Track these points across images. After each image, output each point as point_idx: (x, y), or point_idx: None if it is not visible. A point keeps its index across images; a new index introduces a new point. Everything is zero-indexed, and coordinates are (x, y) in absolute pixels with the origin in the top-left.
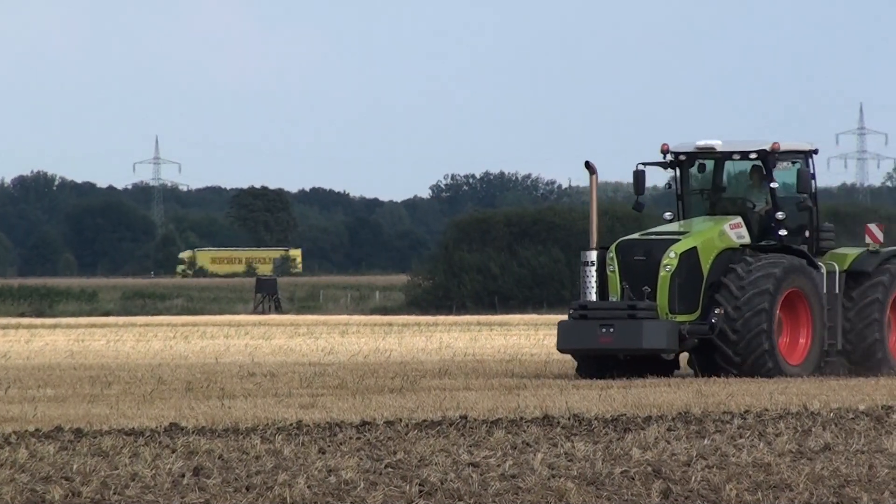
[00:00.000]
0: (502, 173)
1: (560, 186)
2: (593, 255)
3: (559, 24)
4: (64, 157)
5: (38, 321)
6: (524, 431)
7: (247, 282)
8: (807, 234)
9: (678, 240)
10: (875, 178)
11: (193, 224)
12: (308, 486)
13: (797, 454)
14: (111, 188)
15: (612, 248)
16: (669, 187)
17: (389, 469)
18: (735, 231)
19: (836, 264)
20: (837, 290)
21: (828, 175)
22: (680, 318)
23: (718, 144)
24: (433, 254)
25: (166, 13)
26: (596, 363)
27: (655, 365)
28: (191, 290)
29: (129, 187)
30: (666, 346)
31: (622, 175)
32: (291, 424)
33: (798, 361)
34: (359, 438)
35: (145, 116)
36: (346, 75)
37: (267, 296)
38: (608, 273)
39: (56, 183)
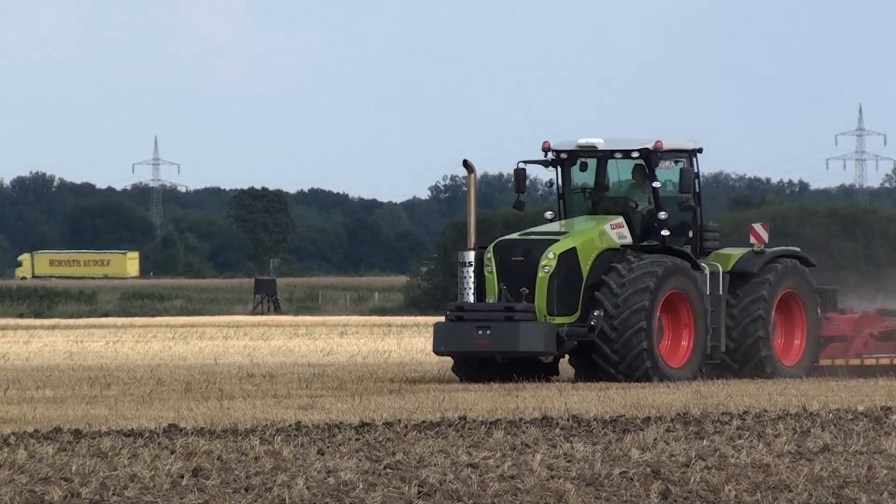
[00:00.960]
0: (501, 174)
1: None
2: (471, 256)
3: (558, 24)
4: (63, 158)
5: (36, 322)
6: (523, 432)
7: (246, 283)
8: (690, 234)
9: (557, 240)
10: (874, 179)
11: (192, 225)
12: (307, 487)
13: (796, 455)
14: (110, 189)
15: (490, 248)
16: (550, 186)
17: (388, 470)
18: (616, 231)
19: (720, 265)
20: (721, 292)
21: (827, 176)
22: (559, 319)
23: (600, 143)
24: (432, 254)
25: (165, 13)
26: (474, 365)
27: (535, 367)
28: (190, 291)
29: (128, 188)
30: (543, 349)
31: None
32: (290, 425)
33: (679, 364)
34: (358, 439)
35: (144, 117)
36: (346, 76)
37: (266, 297)
38: (486, 274)
39: (55, 184)
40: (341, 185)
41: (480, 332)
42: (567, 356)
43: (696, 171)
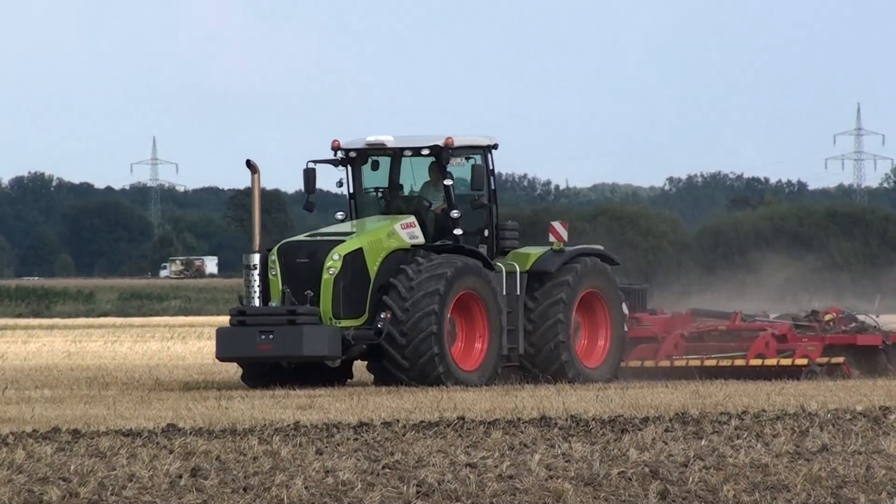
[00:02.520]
0: (499, 174)
1: (557, 187)
2: (255, 259)
3: (557, 25)
4: (61, 158)
5: (35, 322)
6: (521, 432)
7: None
8: (486, 233)
9: (344, 240)
10: (872, 179)
11: (191, 225)
12: (305, 487)
13: (795, 455)
14: (108, 189)
15: (274, 250)
16: (340, 185)
17: (387, 470)
18: (407, 231)
19: (517, 265)
20: (519, 292)
21: (825, 176)
22: (345, 322)
23: (390, 140)
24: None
25: (164, 13)
26: (261, 371)
27: (326, 373)
28: (188, 291)
29: (127, 188)
30: (328, 353)
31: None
32: (289, 425)
33: (473, 367)
34: (356, 439)
35: (143, 117)
36: (344, 76)
37: None
38: (270, 277)
39: (53, 183)
40: None
41: (263, 337)
42: (366, 362)
43: (490, 167)
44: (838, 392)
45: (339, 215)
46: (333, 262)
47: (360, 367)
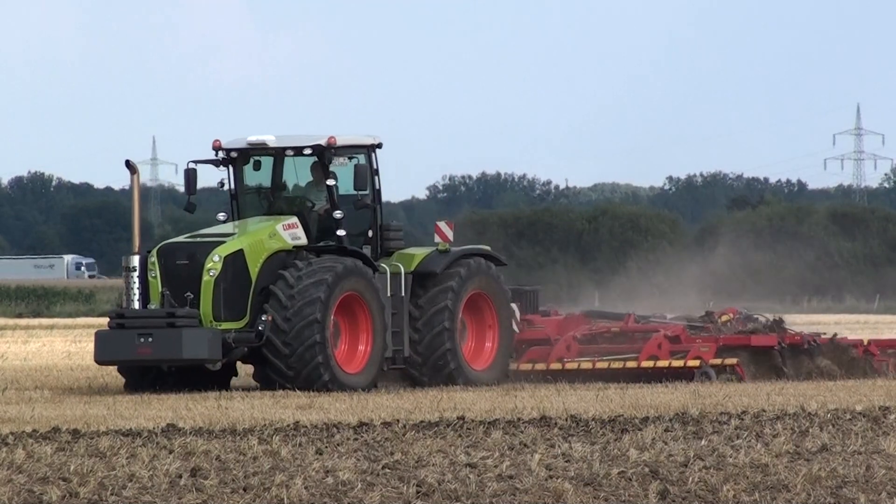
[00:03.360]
0: (499, 174)
1: (557, 187)
2: (135, 260)
3: (557, 24)
4: (61, 158)
5: (35, 322)
6: (521, 432)
7: None
8: (370, 234)
9: (224, 242)
10: (872, 179)
11: (190, 224)
12: (305, 487)
13: (794, 455)
14: (108, 189)
15: (154, 252)
16: (222, 187)
17: (387, 470)
18: (289, 232)
19: (401, 265)
20: (404, 293)
21: (825, 176)
22: (225, 325)
23: (271, 140)
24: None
25: (163, 13)
26: (141, 375)
27: (208, 377)
28: None
29: (127, 188)
30: (208, 356)
31: (623, 176)
32: (289, 425)
33: (356, 370)
34: (356, 439)
35: (142, 117)
36: (344, 76)
37: None
38: (150, 279)
39: (53, 183)
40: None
41: (142, 340)
42: (252, 370)
43: (374, 167)
44: (838, 392)
45: (221, 216)
46: (213, 264)
47: (245, 368)
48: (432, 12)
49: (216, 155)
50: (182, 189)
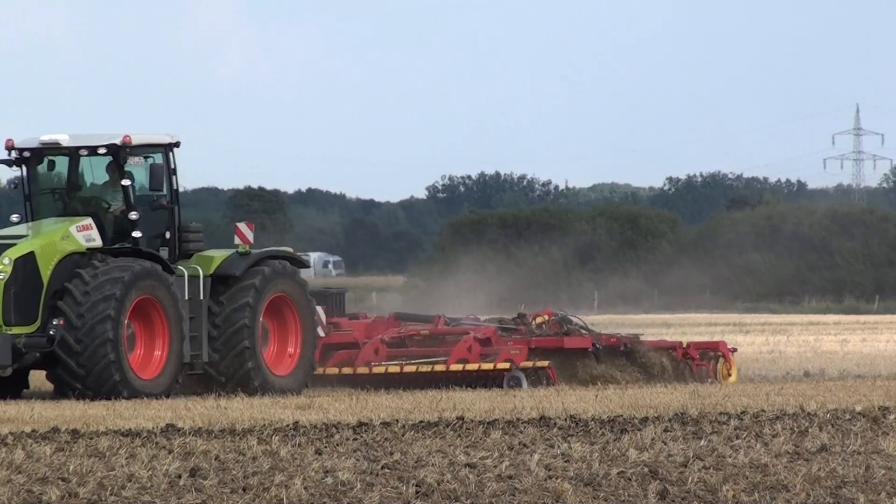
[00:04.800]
0: (498, 174)
1: (556, 187)
2: None
3: (556, 24)
4: None
5: None
6: (521, 432)
7: None
8: (168, 235)
9: (15, 244)
10: (872, 178)
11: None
12: (305, 487)
13: (794, 455)
14: None
15: None
16: (15, 187)
17: (386, 470)
18: (84, 234)
19: (200, 268)
20: (202, 297)
21: (824, 176)
22: (16, 330)
23: (65, 139)
24: (430, 255)
25: (163, 12)
26: None
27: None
28: None
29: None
30: None
31: (623, 176)
32: (288, 425)
33: (152, 375)
34: (355, 439)
35: (142, 117)
36: (343, 75)
37: None
38: None
39: None
40: (339, 184)
41: None
42: (45, 371)
43: (171, 166)
44: (837, 392)
45: (14, 217)
46: (3, 267)
47: (39, 375)
48: (431, 11)
49: (9, 154)
50: (181, 188)
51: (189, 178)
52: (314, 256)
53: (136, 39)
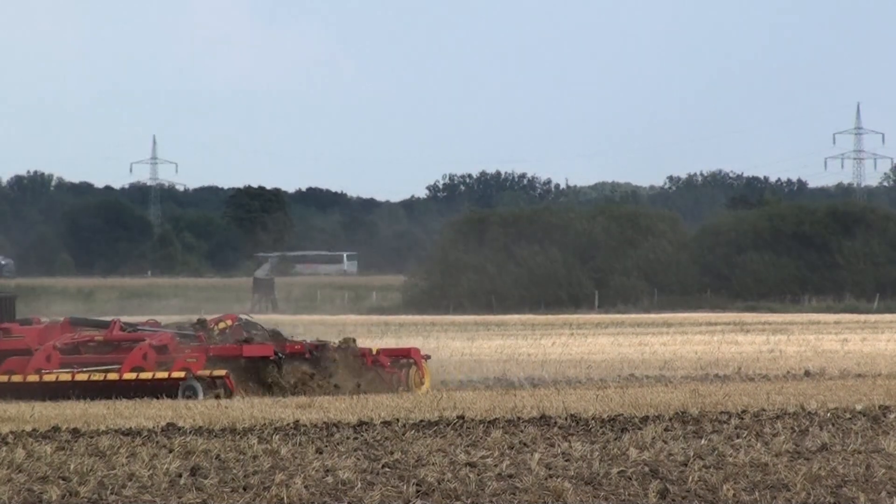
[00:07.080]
0: (499, 173)
1: (557, 186)
2: None
3: (557, 24)
4: (61, 157)
5: None
6: (521, 431)
7: (244, 282)
8: None
9: None
10: (872, 178)
11: (190, 224)
12: (305, 486)
13: (794, 454)
14: (108, 188)
15: None
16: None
17: (387, 469)
18: None
19: None
20: None
21: (825, 175)
22: None
23: None
24: (430, 254)
25: (163, 12)
26: None
27: None
28: (188, 290)
29: (126, 187)
30: None
31: (624, 175)
32: (288, 424)
33: None
34: (356, 438)
35: (142, 116)
36: (343, 75)
37: (264, 296)
38: None
39: (53, 183)
40: (339, 184)
41: None
42: None
43: None
44: (838, 392)
45: None
46: None
47: None
48: (432, 12)
49: None
50: (182, 188)
51: (189, 177)
52: None
53: (137, 40)
